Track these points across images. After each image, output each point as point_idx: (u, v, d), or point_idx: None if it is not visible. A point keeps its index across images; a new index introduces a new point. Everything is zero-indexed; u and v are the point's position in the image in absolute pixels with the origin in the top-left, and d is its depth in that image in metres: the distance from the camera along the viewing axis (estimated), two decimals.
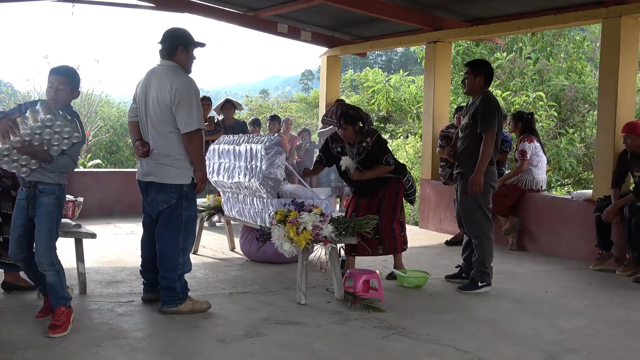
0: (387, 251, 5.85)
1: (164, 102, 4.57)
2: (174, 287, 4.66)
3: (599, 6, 6.94)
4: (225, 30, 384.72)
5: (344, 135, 5.83)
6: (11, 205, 4.79)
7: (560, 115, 13.34)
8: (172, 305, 4.67)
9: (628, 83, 6.83)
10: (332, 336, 4.29)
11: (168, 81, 4.58)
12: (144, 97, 4.70)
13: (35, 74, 22.52)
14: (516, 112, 8.02)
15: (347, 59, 41.46)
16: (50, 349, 3.86)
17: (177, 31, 4.78)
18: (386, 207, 5.82)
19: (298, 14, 9.67)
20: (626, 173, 6.59)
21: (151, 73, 4.75)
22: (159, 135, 4.62)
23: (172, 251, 4.65)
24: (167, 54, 4.72)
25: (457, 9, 8.31)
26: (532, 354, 4.06)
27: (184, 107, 4.53)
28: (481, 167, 5.43)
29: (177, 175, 4.62)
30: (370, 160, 5.74)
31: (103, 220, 8.83)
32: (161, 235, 4.68)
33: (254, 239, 5.97)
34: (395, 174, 5.85)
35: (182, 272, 4.72)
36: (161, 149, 4.62)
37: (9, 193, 4.98)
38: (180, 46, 4.70)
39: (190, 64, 4.79)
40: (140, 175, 4.79)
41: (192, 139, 4.58)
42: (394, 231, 5.82)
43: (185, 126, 4.54)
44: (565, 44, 13.47)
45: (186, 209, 4.69)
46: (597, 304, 5.36)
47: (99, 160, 15.28)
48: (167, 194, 4.63)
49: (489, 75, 5.60)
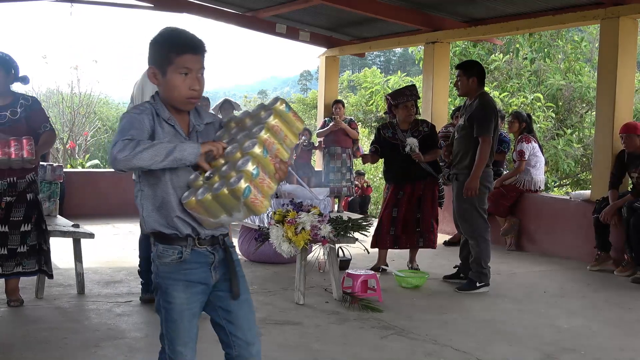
0: (427, 244, 6.17)
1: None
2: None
3: (597, 7, 6.95)
4: (224, 31, 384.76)
5: (409, 114, 6.09)
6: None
7: (558, 115, 13.36)
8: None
9: (626, 84, 6.84)
10: (330, 336, 4.29)
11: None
12: (142, 97, 4.76)
13: (34, 73, 22.55)
14: (514, 113, 8.03)
15: (346, 60, 41.49)
16: (48, 350, 3.86)
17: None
18: (427, 202, 6.11)
19: (296, 15, 9.67)
20: (623, 174, 6.60)
21: (146, 73, 4.79)
22: None
23: None
24: None
25: (456, 9, 8.32)
26: (530, 354, 4.06)
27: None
28: (477, 172, 5.45)
29: None
30: (425, 146, 6.02)
31: (101, 221, 8.82)
32: None
33: (252, 239, 5.98)
34: (436, 172, 6.18)
35: None
36: None
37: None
38: None
39: None
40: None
41: None
42: (433, 226, 6.14)
43: None
44: (563, 45, 13.49)
45: None
46: (595, 304, 5.36)
47: (97, 161, 15.27)
48: None
49: (481, 75, 5.63)
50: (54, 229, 5.06)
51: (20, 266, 4.62)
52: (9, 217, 4.55)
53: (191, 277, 2.39)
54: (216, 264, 2.44)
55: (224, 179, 2.21)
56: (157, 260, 2.40)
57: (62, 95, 15.80)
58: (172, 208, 2.33)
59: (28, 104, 4.59)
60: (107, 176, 10.31)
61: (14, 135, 4.40)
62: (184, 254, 2.36)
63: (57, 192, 5.73)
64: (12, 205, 4.55)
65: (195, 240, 2.37)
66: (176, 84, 2.32)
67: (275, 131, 2.30)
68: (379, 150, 6.21)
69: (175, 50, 2.31)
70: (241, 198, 2.16)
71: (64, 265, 5.96)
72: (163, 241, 2.37)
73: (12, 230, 4.57)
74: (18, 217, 4.57)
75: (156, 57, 2.36)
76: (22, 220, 4.59)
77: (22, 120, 4.53)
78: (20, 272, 4.64)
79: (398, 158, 6.04)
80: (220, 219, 2.28)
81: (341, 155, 10.03)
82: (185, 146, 2.23)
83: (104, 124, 19.01)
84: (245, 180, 2.16)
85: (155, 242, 2.41)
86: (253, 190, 2.16)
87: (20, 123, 4.51)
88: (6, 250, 4.55)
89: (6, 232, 4.55)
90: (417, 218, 6.11)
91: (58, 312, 4.63)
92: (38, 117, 4.61)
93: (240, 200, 2.16)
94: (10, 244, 4.57)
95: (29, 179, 4.60)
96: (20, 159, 4.38)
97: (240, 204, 2.18)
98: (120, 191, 9.66)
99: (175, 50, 2.31)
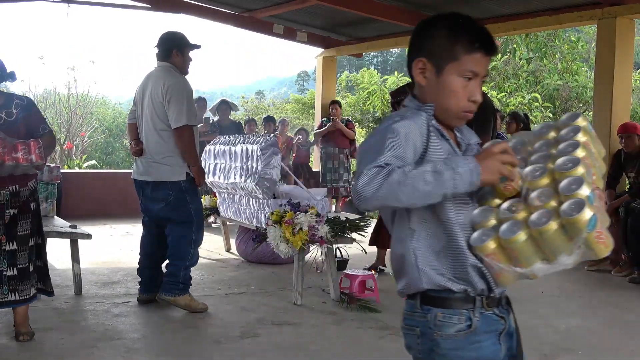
0: None
1: (157, 99, 4.66)
2: (178, 274, 4.72)
3: (594, 7, 6.96)
4: (221, 31, 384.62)
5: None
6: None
7: (556, 116, 13.37)
8: (170, 294, 4.71)
9: (623, 84, 6.85)
10: (328, 337, 4.28)
11: (162, 80, 4.68)
12: (142, 98, 4.81)
13: (31, 74, 22.52)
14: (512, 113, 8.04)
15: (343, 60, 41.44)
16: (45, 351, 3.85)
17: (172, 34, 4.89)
18: None
19: (294, 15, 9.67)
20: (620, 174, 6.61)
21: (149, 76, 4.88)
22: (153, 134, 4.70)
23: (185, 243, 4.75)
24: (162, 57, 4.83)
25: (453, 9, 8.29)
26: (528, 354, 4.03)
27: (174, 104, 4.61)
28: None
29: (170, 172, 4.68)
30: None
31: (98, 221, 8.81)
32: (172, 230, 4.76)
33: (250, 240, 5.98)
34: None
35: (190, 263, 4.80)
36: (154, 148, 4.70)
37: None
38: (175, 49, 4.81)
39: (187, 66, 4.88)
40: (136, 174, 4.86)
41: (182, 135, 4.63)
42: None
43: (175, 122, 4.61)
44: (560, 45, 13.51)
45: (191, 203, 4.77)
46: (593, 304, 5.37)
47: (94, 162, 15.26)
48: (164, 191, 4.70)
49: None
50: (51, 230, 5.05)
51: (33, 288, 4.04)
52: (17, 232, 3.97)
53: (483, 353, 1.74)
54: (505, 333, 1.82)
55: (545, 208, 1.59)
56: (434, 332, 1.72)
57: (59, 96, 15.80)
58: (462, 253, 1.67)
59: (24, 104, 4.12)
60: (104, 177, 10.31)
61: (11, 137, 3.89)
62: (473, 321, 1.71)
63: (54, 193, 5.73)
64: (17, 218, 3.98)
65: (484, 300, 1.73)
66: (455, 88, 1.72)
67: (588, 150, 1.70)
68: None
69: (466, 44, 1.71)
70: (583, 232, 1.54)
71: (61, 266, 5.96)
72: (442, 304, 1.71)
73: (21, 247, 3.97)
74: (25, 231, 4.01)
75: (434, 46, 1.74)
76: (30, 234, 4.04)
77: (20, 121, 4.04)
78: (35, 294, 4.06)
79: None
80: (532, 267, 1.63)
81: (338, 155, 10.04)
82: (464, 167, 1.58)
83: (101, 125, 19.00)
84: (589, 208, 1.54)
85: (422, 306, 1.74)
86: (598, 222, 1.55)
87: (18, 124, 4.02)
88: (16, 271, 3.95)
89: (15, 249, 3.95)
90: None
91: (55, 313, 4.62)
92: (36, 119, 4.16)
93: (581, 235, 1.54)
94: (20, 262, 3.97)
95: (31, 187, 4.08)
96: (28, 164, 3.86)
97: (579, 241, 1.55)
98: (118, 192, 9.66)
99: (466, 45, 1.71)
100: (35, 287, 4.06)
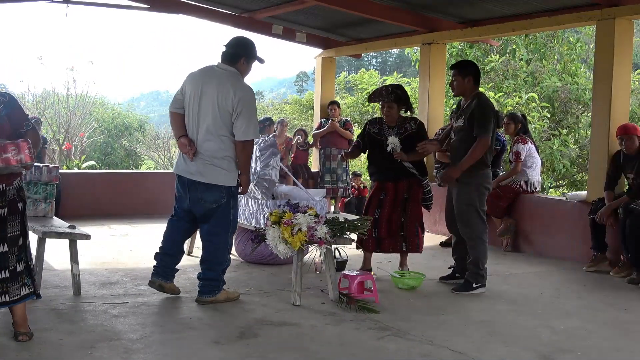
0: (411, 249, 6.07)
1: (225, 107, 4.71)
2: (219, 279, 4.93)
3: (593, 8, 6.96)
4: (220, 32, 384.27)
5: (388, 114, 6.01)
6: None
7: (554, 117, 13.37)
8: (211, 295, 4.91)
9: (622, 85, 6.85)
10: (326, 337, 4.29)
11: (231, 88, 4.73)
12: (199, 93, 4.79)
13: (30, 75, 22.49)
14: (509, 114, 8.04)
15: (342, 61, 41.45)
16: (44, 351, 3.84)
17: (244, 41, 4.97)
18: (412, 206, 6.02)
19: (293, 16, 9.67)
20: (619, 175, 6.60)
21: (209, 72, 4.86)
22: (212, 136, 4.75)
23: (223, 248, 4.95)
24: (229, 60, 4.87)
25: (452, 10, 8.33)
26: (527, 355, 4.07)
27: (245, 117, 4.72)
28: (463, 165, 5.47)
29: (226, 176, 4.81)
30: (410, 144, 5.88)
31: (97, 222, 8.80)
32: (215, 233, 4.89)
33: (249, 240, 5.97)
34: (420, 173, 6.05)
35: (226, 266, 5.02)
36: (212, 151, 4.76)
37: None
38: (244, 57, 4.90)
39: (245, 75, 4.96)
40: (184, 171, 4.87)
41: (245, 147, 4.80)
42: (417, 231, 6.04)
43: (243, 134, 4.74)
44: (558, 46, 13.51)
45: (233, 208, 4.93)
46: (592, 305, 5.37)
47: (93, 162, 15.26)
48: (217, 194, 4.81)
49: (476, 75, 5.66)
50: (50, 230, 5.05)
51: (25, 287, 4.03)
52: (7, 234, 3.93)
53: None
54: None
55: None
56: None
57: (58, 97, 15.80)
58: None
59: (6, 100, 3.95)
60: (103, 177, 10.30)
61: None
62: None
63: (53, 194, 5.72)
64: (6, 219, 3.93)
65: None
66: None
67: None
68: (361, 144, 6.18)
69: None
70: None
71: (59, 267, 5.95)
72: None
73: (11, 248, 3.95)
74: (15, 232, 3.98)
75: None
76: (19, 234, 4.00)
77: (4, 119, 3.90)
78: (28, 294, 4.04)
79: (381, 155, 6.00)
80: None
81: (337, 156, 10.04)
82: None
83: (100, 125, 18.99)
84: None
85: None
86: None
87: (2, 122, 3.89)
88: (8, 273, 3.93)
89: (6, 251, 3.93)
90: (401, 222, 5.99)
91: (54, 314, 4.62)
92: (19, 115, 3.99)
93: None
94: (11, 264, 3.95)
95: (16, 185, 3.98)
96: (18, 165, 3.78)
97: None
98: (116, 193, 9.65)
99: None
100: (28, 287, 4.04)
